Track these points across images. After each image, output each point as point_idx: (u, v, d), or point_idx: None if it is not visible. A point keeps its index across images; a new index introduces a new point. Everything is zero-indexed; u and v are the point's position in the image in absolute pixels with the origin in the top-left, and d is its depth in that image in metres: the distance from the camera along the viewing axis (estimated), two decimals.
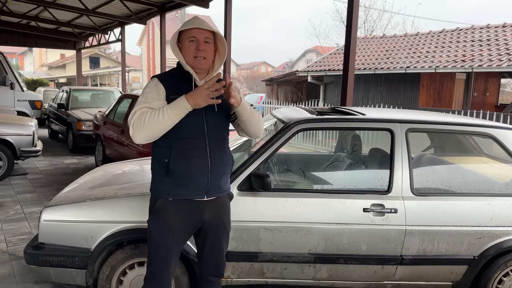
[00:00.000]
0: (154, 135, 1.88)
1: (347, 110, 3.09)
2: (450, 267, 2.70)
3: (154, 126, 1.83)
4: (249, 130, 2.09)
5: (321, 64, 15.55)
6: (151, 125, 1.83)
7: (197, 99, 1.83)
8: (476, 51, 11.31)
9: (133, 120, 1.86)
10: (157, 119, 1.83)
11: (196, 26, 1.92)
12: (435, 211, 2.64)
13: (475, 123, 2.91)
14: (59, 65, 36.11)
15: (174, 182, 1.96)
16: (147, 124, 1.83)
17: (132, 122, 1.86)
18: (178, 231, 2.01)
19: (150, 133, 1.86)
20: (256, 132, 2.12)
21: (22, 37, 16.03)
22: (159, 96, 1.93)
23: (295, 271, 2.65)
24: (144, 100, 1.91)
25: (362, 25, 25.45)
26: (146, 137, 1.87)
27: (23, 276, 3.19)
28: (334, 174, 3.40)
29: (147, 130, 1.84)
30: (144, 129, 1.84)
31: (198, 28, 1.93)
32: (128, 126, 1.89)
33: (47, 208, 2.64)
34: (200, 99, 1.83)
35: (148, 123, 1.83)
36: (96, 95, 10.49)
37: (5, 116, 6.89)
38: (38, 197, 5.36)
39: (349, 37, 5.18)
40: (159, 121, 1.83)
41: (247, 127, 2.07)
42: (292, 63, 50.11)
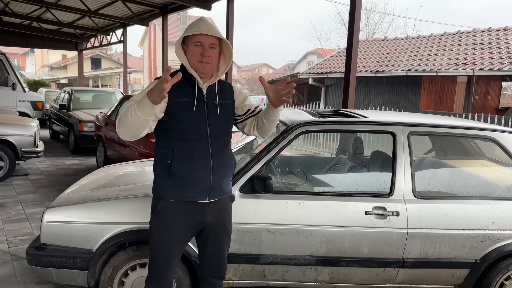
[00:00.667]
0: (132, 132, 1.87)
1: (349, 113, 3.09)
2: (452, 271, 2.69)
3: (126, 123, 1.83)
4: (268, 129, 2.12)
5: (322, 67, 15.57)
6: (124, 122, 1.84)
7: (152, 93, 1.73)
8: (478, 54, 11.32)
9: (118, 116, 1.88)
10: (128, 116, 1.81)
11: (203, 32, 1.91)
12: (437, 214, 2.64)
13: (477, 127, 2.91)
14: (60, 66, 36.18)
15: (176, 184, 1.96)
16: (122, 121, 1.84)
17: (118, 118, 1.88)
18: (179, 232, 2.02)
19: (126, 129, 1.86)
20: (270, 132, 2.17)
21: (24, 38, 16.06)
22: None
23: (296, 273, 2.65)
24: (135, 98, 1.89)
25: (363, 28, 25.50)
26: (124, 134, 1.88)
27: (25, 277, 3.19)
28: (336, 177, 3.40)
29: (124, 126, 1.85)
30: (122, 126, 1.85)
31: (204, 34, 1.92)
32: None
33: (50, 209, 2.65)
34: (154, 93, 1.72)
35: (123, 120, 1.83)
36: (98, 96, 10.51)
37: (6, 117, 6.91)
38: (40, 197, 5.37)
39: (351, 40, 5.19)
40: (128, 118, 1.81)
41: (269, 126, 2.09)
42: (293, 65, 50.16)
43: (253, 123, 2.15)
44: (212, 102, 2.02)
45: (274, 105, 1.98)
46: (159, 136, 2.02)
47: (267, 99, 2.03)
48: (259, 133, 2.18)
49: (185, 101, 1.96)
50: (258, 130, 2.16)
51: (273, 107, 2.00)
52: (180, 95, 1.95)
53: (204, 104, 2.00)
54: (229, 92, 2.12)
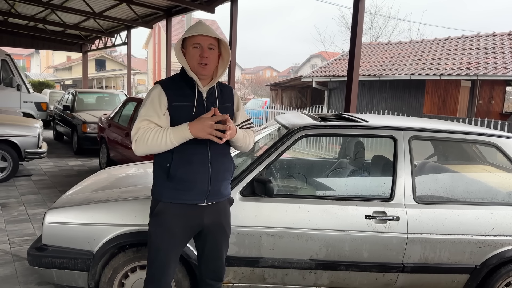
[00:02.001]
0: (154, 152, 1.98)
1: (351, 117, 3.09)
2: (452, 276, 2.69)
3: (155, 147, 1.93)
4: (240, 150, 2.20)
5: (325, 70, 15.57)
6: (152, 145, 1.92)
7: (199, 131, 1.88)
8: (482, 58, 11.29)
9: (137, 136, 1.94)
10: (160, 141, 1.91)
11: (200, 33, 1.94)
12: (437, 219, 2.64)
13: (478, 132, 2.91)
14: (65, 67, 36.38)
15: (175, 187, 1.98)
16: (149, 144, 1.92)
17: (135, 138, 1.95)
18: (177, 234, 2.03)
19: (150, 151, 1.96)
20: (245, 151, 2.24)
21: (30, 39, 16.17)
22: (161, 107, 1.97)
23: (296, 277, 2.65)
24: (145, 114, 1.97)
25: (367, 31, 25.50)
26: (146, 153, 1.97)
27: (26, 277, 3.21)
28: (337, 181, 3.40)
29: (148, 148, 1.94)
30: (145, 147, 1.94)
31: (202, 35, 1.94)
32: (131, 138, 1.99)
33: (51, 210, 2.66)
34: (202, 133, 1.88)
35: (150, 143, 1.92)
36: (102, 98, 10.56)
37: (10, 118, 6.95)
38: (42, 198, 5.40)
39: (353, 44, 5.20)
40: (161, 143, 1.91)
41: (238, 148, 2.17)
42: (297, 68, 50.16)
43: None
44: (212, 106, 2.02)
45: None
46: None
47: None
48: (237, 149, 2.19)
49: (184, 105, 1.97)
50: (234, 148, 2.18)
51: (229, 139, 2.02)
52: (180, 99, 1.97)
53: (204, 107, 2.00)
54: (229, 95, 2.14)
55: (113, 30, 14.47)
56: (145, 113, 1.96)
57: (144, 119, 1.96)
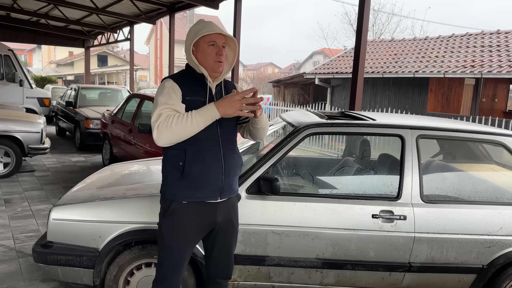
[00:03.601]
0: (179, 139, 1.85)
1: (357, 115, 3.07)
2: (459, 276, 2.67)
3: (180, 131, 1.81)
4: (258, 135, 2.16)
5: (329, 67, 15.53)
6: (177, 129, 1.80)
7: (228, 108, 1.82)
8: (486, 56, 11.24)
9: (158, 122, 1.81)
10: (185, 124, 1.80)
11: (217, 31, 1.94)
12: (444, 219, 2.62)
13: (486, 131, 2.88)
14: (67, 63, 36.37)
15: (189, 185, 1.96)
16: (174, 128, 1.80)
17: (157, 124, 1.81)
18: (191, 234, 2.01)
19: (175, 137, 1.83)
20: (262, 137, 2.20)
21: (32, 34, 16.13)
22: (177, 96, 1.91)
23: (302, 276, 2.64)
24: (165, 101, 1.87)
25: (370, 28, 25.39)
26: (170, 141, 1.84)
27: (30, 273, 3.21)
28: (343, 179, 3.38)
29: (173, 134, 1.81)
30: (170, 132, 1.81)
31: (219, 33, 1.95)
32: (152, 128, 1.84)
33: (56, 207, 2.66)
34: (231, 109, 1.82)
35: (175, 127, 1.80)
36: (104, 94, 10.55)
37: (14, 113, 6.95)
38: (45, 194, 5.39)
39: (359, 41, 5.16)
40: (186, 126, 1.80)
41: (258, 133, 2.13)
42: (299, 64, 50.09)
43: (247, 127, 2.17)
44: None
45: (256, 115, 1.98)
46: None
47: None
48: (252, 138, 2.21)
49: (198, 100, 1.96)
50: (251, 136, 2.19)
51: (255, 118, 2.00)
52: (192, 94, 1.95)
53: None
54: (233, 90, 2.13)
55: (116, 26, 14.43)
56: (165, 101, 1.87)
57: (165, 106, 1.85)
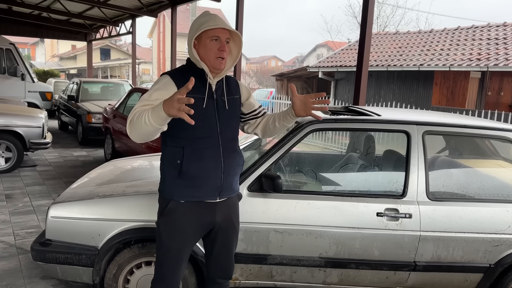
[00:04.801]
0: (145, 137, 1.76)
1: (362, 110, 3.00)
2: (465, 275, 2.62)
3: (139, 128, 1.72)
4: (274, 133, 2.14)
5: (332, 60, 15.40)
6: (137, 126, 1.72)
7: (170, 108, 1.60)
8: (492, 49, 11.09)
9: (130, 118, 1.76)
10: (140, 122, 1.70)
11: (221, 26, 1.86)
12: (450, 217, 2.56)
13: (494, 127, 2.81)
14: (70, 56, 36.35)
15: (187, 184, 1.90)
16: (136, 125, 1.72)
17: (129, 120, 1.77)
18: (189, 233, 1.96)
19: (139, 135, 1.75)
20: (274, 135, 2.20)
21: (34, 28, 16.07)
22: (168, 94, 1.79)
23: (304, 275, 2.59)
24: (147, 98, 1.82)
25: (375, 21, 25.15)
26: (137, 137, 1.77)
27: (30, 271, 3.18)
28: (347, 176, 3.32)
29: (136, 130, 1.74)
30: (133, 128, 1.74)
31: (222, 28, 1.87)
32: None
33: (55, 204, 2.61)
34: (172, 110, 1.60)
35: (136, 124, 1.72)
36: (106, 88, 10.50)
37: (15, 108, 6.92)
38: (47, 189, 5.37)
39: (363, 34, 5.07)
40: (142, 124, 1.70)
41: (277, 130, 2.11)
42: (303, 57, 49.87)
43: (257, 123, 2.14)
44: (220, 98, 1.96)
45: (296, 114, 1.96)
46: (167, 134, 1.92)
47: (291, 106, 2.00)
48: (262, 134, 2.16)
49: (195, 97, 1.89)
50: (262, 132, 2.14)
51: (293, 116, 1.98)
52: (190, 91, 1.88)
53: (213, 100, 1.94)
54: (235, 87, 2.07)
55: (118, 19, 14.34)
56: (147, 98, 1.82)
57: (145, 102, 1.79)
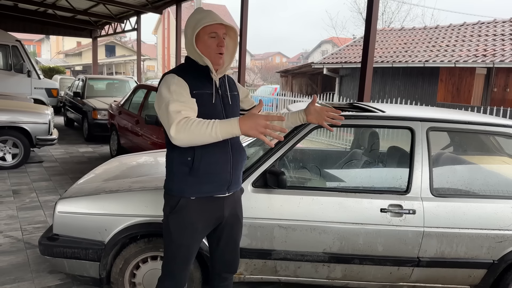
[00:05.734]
0: (194, 144, 1.76)
1: (366, 107, 3.01)
2: (469, 271, 2.63)
3: (199, 137, 1.70)
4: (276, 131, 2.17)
5: (337, 56, 15.36)
6: (196, 134, 1.70)
7: (251, 129, 1.64)
8: (498, 45, 11.02)
9: (178, 119, 1.72)
10: (204, 132, 1.68)
11: (218, 22, 1.87)
12: (454, 213, 2.57)
13: (499, 123, 2.81)
14: (75, 53, 36.48)
15: (198, 181, 1.91)
16: (194, 132, 1.70)
17: (177, 120, 1.71)
18: (199, 229, 1.98)
19: (192, 141, 1.73)
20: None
21: (40, 25, 16.15)
22: (186, 92, 1.83)
23: (308, 270, 2.61)
24: (177, 98, 1.79)
25: (380, 17, 25.04)
26: (187, 143, 1.75)
27: (38, 265, 3.22)
28: (351, 172, 3.33)
29: (191, 137, 1.71)
30: (188, 134, 1.70)
31: (219, 24, 1.88)
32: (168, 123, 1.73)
33: (62, 199, 2.65)
34: (254, 131, 1.64)
35: (194, 131, 1.69)
36: (112, 84, 10.54)
37: (22, 104, 6.97)
38: (53, 185, 5.42)
39: (368, 30, 5.06)
40: (205, 134, 1.69)
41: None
42: (307, 54, 49.74)
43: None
44: (225, 94, 2.00)
45: (308, 120, 2.09)
46: None
47: (305, 111, 2.09)
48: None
49: (205, 93, 1.91)
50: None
51: (304, 121, 2.11)
52: (199, 87, 1.89)
53: (219, 95, 1.96)
54: (233, 85, 2.12)
55: (123, 16, 14.37)
56: (176, 98, 1.78)
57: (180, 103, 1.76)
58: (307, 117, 2.11)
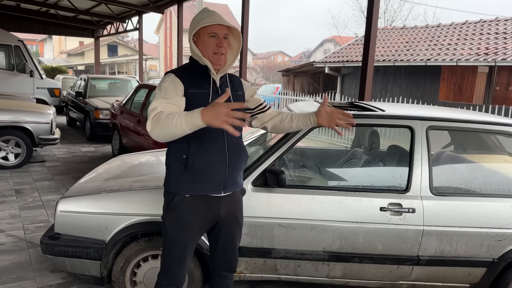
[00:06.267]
0: (169, 137, 1.76)
1: (366, 106, 3.01)
2: (468, 269, 2.63)
3: (167, 130, 1.71)
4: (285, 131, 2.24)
5: (339, 55, 15.34)
6: (166, 127, 1.71)
7: (213, 119, 1.58)
8: (500, 44, 10.99)
9: (153, 114, 1.75)
10: (170, 123, 1.69)
11: (218, 22, 1.88)
12: (454, 212, 2.57)
13: (499, 122, 2.81)
14: (77, 53, 36.55)
15: (192, 178, 1.93)
16: (163, 125, 1.71)
17: (152, 115, 1.75)
18: (194, 228, 2.00)
19: (165, 135, 1.74)
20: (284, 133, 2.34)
21: (42, 25, 16.20)
22: (177, 91, 1.86)
23: (308, 268, 2.63)
24: (163, 95, 1.83)
25: (382, 16, 25.00)
26: (161, 137, 1.76)
27: (40, 264, 3.24)
28: (351, 171, 3.34)
29: (163, 130, 1.72)
30: (160, 128, 1.72)
31: (219, 24, 1.89)
32: (147, 120, 1.78)
33: (63, 199, 2.66)
34: (216, 121, 1.58)
35: (164, 124, 1.70)
36: (114, 84, 10.57)
37: (24, 104, 7.00)
38: (56, 185, 5.44)
39: (369, 29, 5.06)
40: (172, 126, 1.69)
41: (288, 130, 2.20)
42: (309, 53, 49.70)
43: (266, 117, 2.18)
44: None
45: (318, 122, 2.04)
46: None
47: (316, 113, 2.05)
48: (272, 129, 2.22)
49: (201, 93, 1.92)
50: (274, 127, 2.20)
51: (314, 123, 2.06)
52: (195, 87, 1.92)
53: (218, 95, 1.96)
54: (239, 84, 2.12)
55: (125, 16, 14.40)
56: (162, 95, 1.83)
57: (162, 100, 1.80)
58: (318, 120, 2.03)
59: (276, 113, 2.21)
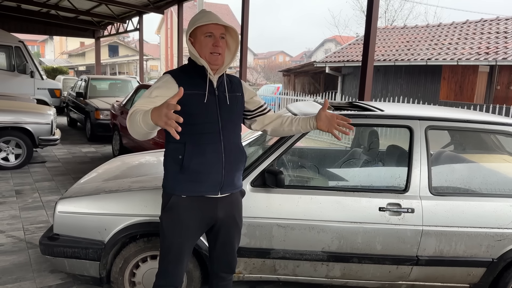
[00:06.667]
0: (140, 136, 1.78)
1: (365, 105, 3.01)
2: (468, 269, 2.63)
3: (135, 128, 1.74)
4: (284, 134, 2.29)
5: (339, 55, 15.34)
6: (132, 125, 1.75)
7: (158, 119, 1.57)
8: (501, 43, 10.97)
9: (129, 113, 1.79)
10: (134, 122, 1.72)
11: (214, 22, 1.88)
12: (453, 212, 2.56)
13: (498, 121, 2.80)
14: (78, 53, 36.58)
15: (188, 179, 1.94)
16: (131, 123, 1.75)
17: (128, 115, 1.79)
18: (191, 228, 2.00)
19: (135, 133, 1.77)
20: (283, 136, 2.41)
21: (43, 26, 16.21)
22: (169, 92, 1.85)
23: (307, 268, 2.62)
24: (148, 95, 1.86)
25: (382, 15, 24.97)
26: (135, 135, 1.79)
27: (39, 264, 3.25)
28: (350, 171, 3.33)
29: (132, 128, 1.76)
30: (130, 126, 1.77)
31: (215, 23, 1.89)
32: None
33: (62, 199, 2.67)
34: (160, 121, 1.56)
35: (131, 122, 1.75)
36: (114, 84, 10.58)
37: (24, 105, 7.01)
38: (56, 185, 5.45)
39: (368, 28, 5.05)
40: (135, 124, 1.72)
41: (288, 133, 2.25)
42: (310, 52, 49.68)
43: (266, 120, 2.19)
44: (222, 95, 1.99)
45: (318, 126, 2.08)
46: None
47: (316, 117, 2.08)
48: (272, 132, 2.24)
49: (196, 93, 1.92)
50: (273, 130, 2.22)
51: (314, 127, 2.10)
52: (191, 87, 1.91)
53: (215, 96, 1.96)
54: (238, 85, 2.10)
55: (125, 16, 14.41)
56: (148, 95, 1.86)
57: (145, 99, 1.83)
58: (317, 124, 2.07)
59: (276, 116, 2.21)
